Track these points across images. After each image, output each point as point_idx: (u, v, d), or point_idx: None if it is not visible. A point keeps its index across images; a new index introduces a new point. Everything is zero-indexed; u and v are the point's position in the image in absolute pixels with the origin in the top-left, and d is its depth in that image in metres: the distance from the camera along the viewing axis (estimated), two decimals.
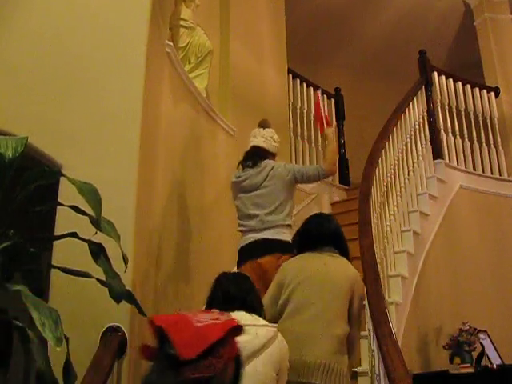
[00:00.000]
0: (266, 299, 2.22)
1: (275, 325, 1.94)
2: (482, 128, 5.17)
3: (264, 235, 2.88)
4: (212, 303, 1.85)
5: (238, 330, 1.30)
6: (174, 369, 1.16)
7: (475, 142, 5.05)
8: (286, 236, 2.86)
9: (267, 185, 2.99)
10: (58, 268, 2.01)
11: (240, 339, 1.36)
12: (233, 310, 1.75)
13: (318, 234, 2.39)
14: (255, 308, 1.88)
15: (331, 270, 2.27)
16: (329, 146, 3.22)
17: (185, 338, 1.20)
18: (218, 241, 3.90)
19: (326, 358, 2.08)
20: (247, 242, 2.92)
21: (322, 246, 2.35)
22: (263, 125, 3.23)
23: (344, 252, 2.38)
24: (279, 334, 1.88)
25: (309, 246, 2.38)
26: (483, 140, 5.10)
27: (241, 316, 1.74)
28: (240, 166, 3.19)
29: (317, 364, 2.06)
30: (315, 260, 2.31)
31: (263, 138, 3.15)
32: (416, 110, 4.62)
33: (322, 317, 2.17)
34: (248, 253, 2.88)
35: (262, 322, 1.86)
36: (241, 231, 3.02)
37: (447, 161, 4.72)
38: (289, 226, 2.94)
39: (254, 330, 1.78)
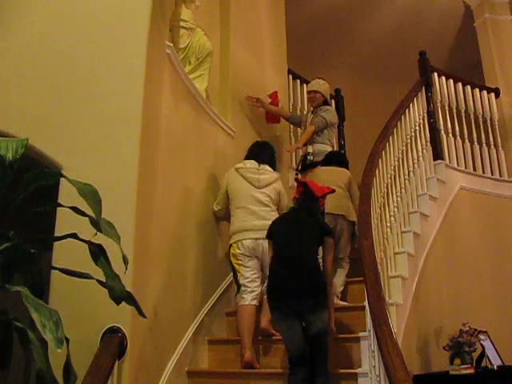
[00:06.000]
0: None
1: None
2: (482, 129, 5.16)
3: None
4: (248, 158, 3.72)
5: (331, 191, 3.15)
6: (314, 198, 3.02)
7: (475, 142, 5.05)
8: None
9: None
10: (58, 269, 2.01)
11: (263, 173, 3.67)
12: (259, 163, 3.69)
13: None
14: (270, 162, 3.75)
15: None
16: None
17: (316, 188, 3.05)
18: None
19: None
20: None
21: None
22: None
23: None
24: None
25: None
26: (483, 141, 5.10)
27: (263, 165, 3.70)
28: None
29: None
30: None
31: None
32: (416, 111, 4.62)
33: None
34: None
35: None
36: None
37: (447, 161, 4.70)
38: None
39: (272, 173, 3.70)
